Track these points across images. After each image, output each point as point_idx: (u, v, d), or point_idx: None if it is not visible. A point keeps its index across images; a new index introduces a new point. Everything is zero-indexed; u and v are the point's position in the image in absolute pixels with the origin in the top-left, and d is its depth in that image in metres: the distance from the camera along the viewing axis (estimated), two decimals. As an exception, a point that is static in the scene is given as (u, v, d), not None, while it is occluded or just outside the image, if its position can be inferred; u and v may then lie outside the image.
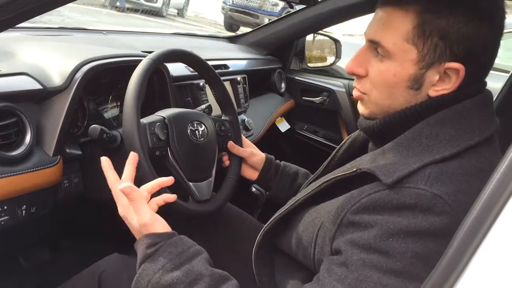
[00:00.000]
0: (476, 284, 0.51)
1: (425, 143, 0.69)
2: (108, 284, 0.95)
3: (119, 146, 0.98)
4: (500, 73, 2.13)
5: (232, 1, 9.71)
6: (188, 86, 1.42)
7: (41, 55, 1.09)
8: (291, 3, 4.05)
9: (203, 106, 1.19)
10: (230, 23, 10.21)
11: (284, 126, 2.11)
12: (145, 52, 1.27)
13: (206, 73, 1.15)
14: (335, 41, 2.19)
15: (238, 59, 1.90)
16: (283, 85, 2.11)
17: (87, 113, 1.20)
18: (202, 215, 1.00)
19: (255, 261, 0.91)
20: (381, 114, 0.77)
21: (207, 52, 1.73)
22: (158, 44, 1.60)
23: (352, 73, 0.78)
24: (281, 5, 9.21)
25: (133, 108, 0.90)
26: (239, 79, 1.70)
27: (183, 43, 1.92)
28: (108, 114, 1.30)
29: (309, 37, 2.18)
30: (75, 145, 1.08)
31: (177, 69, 1.37)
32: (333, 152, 0.97)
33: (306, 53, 2.18)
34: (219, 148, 1.11)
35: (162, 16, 10.19)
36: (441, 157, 0.66)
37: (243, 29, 8.29)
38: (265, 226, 0.89)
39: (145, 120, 0.96)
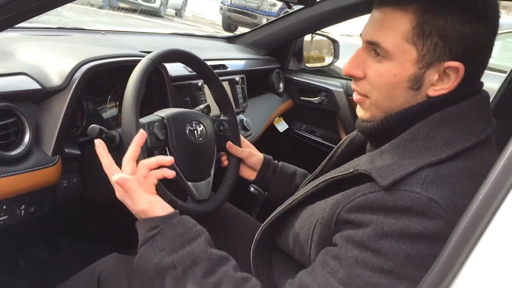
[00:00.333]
0: (471, 285, 0.51)
1: (422, 145, 0.69)
2: (107, 283, 0.95)
3: (118, 145, 0.98)
4: (499, 73, 2.14)
5: (230, 1, 9.70)
6: (187, 86, 1.42)
7: (39, 55, 1.09)
8: (289, 3, 4.05)
9: (202, 106, 1.20)
10: (228, 23, 10.21)
11: (282, 126, 2.11)
12: (143, 52, 1.27)
13: (205, 73, 1.15)
14: (333, 41, 2.19)
15: (237, 59, 1.90)
16: (281, 85, 2.11)
17: (86, 113, 1.20)
18: (201, 214, 1.00)
19: (253, 260, 0.91)
20: (380, 115, 0.77)
21: (205, 52, 1.73)
22: (156, 44, 1.60)
23: (350, 75, 0.77)
24: (279, 5, 9.21)
25: (132, 108, 0.90)
26: (237, 79, 1.70)
27: (182, 43, 1.92)
28: (107, 114, 1.30)
29: (307, 37, 2.17)
30: (74, 145, 1.08)
31: (175, 69, 1.37)
32: (331, 152, 0.98)
33: (304, 53, 2.18)
34: (217, 148, 1.11)
35: (160, 16, 10.17)
36: (437, 159, 0.66)
37: (241, 29, 8.27)
38: (263, 225, 0.90)
39: (144, 120, 0.96)
